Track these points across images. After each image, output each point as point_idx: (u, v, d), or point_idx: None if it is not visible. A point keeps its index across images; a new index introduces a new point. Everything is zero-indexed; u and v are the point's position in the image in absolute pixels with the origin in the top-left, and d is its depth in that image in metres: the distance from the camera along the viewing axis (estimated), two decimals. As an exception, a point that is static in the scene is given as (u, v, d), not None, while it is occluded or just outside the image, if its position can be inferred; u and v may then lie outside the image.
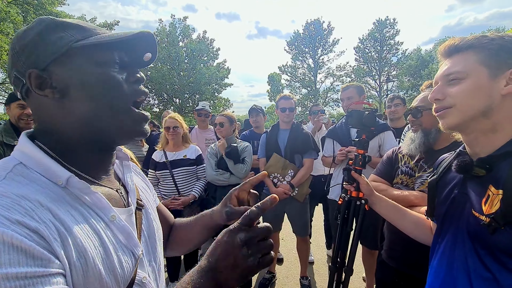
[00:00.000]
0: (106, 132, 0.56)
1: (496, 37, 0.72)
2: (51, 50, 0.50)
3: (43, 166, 0.50)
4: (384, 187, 1.47)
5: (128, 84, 0.57)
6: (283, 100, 2.74)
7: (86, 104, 0.53)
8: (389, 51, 32.01)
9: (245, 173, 2.59)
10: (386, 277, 1.49)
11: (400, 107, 3.10)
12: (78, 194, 0.51)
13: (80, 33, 0.53)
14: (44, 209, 0.45)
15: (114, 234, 0.54)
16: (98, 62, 0.53)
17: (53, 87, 0.51)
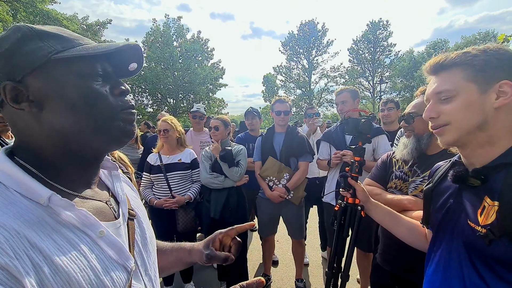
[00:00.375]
0: (89, 145, 0.53)
1: (478, 53, 0.74)
2: (28, 61, 0.47)
3: (23, 185, 0.47)
4: (378, 191, 1.49)
5: (114, 96, 0.54)
6: (278, 103, 2.74)
7: (67, 118, 0.49)
8: (382, 53, 32.39)
9: (239, 176, 2.59)
10: (381, 280, 1.51)
11: (393, 110, 3.14)
12: (61, 212, 0.48)
13: (61, 43, 0.50)
14: (20, 238, 0.42)
15: (103, 251, 0.52)
16: (79, 74, 0.50)
17: (30, 100, 0.48)
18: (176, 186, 2.59)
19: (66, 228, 0.48)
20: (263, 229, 2.82)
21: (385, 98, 3.32)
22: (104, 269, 0.50)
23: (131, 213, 0.65)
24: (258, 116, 3.38)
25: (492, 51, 0.73)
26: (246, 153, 2.73)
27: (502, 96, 0.71)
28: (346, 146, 2.42)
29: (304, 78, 33.49)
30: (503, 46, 0.74)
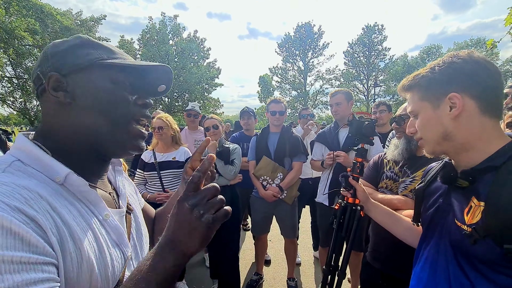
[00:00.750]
0: (103, 143, 0.58)
1: (425, 73, 0.81)
2: (77, 61, 0.55)
3: (41, 163, 0.52)
4: (370, 191, 1.52)
5: (135, 105, 0.61)
6: (274, 103, 2.77)
7: (91, 114, 0.56)
8: (377, 56, 32.77)
9: (233, 175, 2.60)
10: (370, 278, 1.54)
11: (385, 113, 3.20)
12: (74, 191, 0.54)
13: (108, 54, 0.58)
14: (42, 200, 0.47)
15: (107, 232, 0.57)
16: (113, 80, 0.58)
17: (66, 91, 0.55)
18: (169, 184, 2.59)
19: (79, 204, 0.54)
20: (256, 228, 2.84)
21: (378, 101, 3.38)
22: (107, 248, 0.55)
23: (129, 208, 0.69)
24: (254, 116, 3.39)
25: (439, 67, 0.78)
26: (240, 152, 2.74)
27: (454, 107, 0.75)
28: (339, 147, 2.46)
29: (299, 80, 33.66)
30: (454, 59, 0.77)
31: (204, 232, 0.49)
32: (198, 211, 0.49)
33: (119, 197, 0.68)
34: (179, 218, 0.50)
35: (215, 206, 0.50)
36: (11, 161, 0.51)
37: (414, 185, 1.37)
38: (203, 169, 0.52)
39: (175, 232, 0.50)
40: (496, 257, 0.67)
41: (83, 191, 0.55)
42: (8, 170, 0.49)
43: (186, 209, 0.49)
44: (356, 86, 33.10)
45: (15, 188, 0.45)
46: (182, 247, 0.49)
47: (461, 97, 0.74)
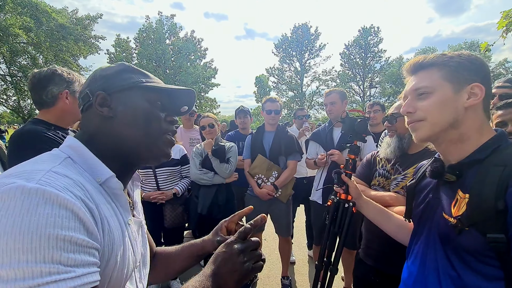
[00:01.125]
0: (136, 153, 0.65)
1: (454, 55, 0.80)
2: (121, 84, 0.64)
3: (88, 163, 0.59)
4: (362, 188, 1.54)
5: (165, 122, 0.69)
6: (269, 102, 2.78)
7: (129, 127, 0.63)
8: (373, 58, 33.02)
9: (229, 173, 2.60)
10: (363, 275, 1.56)
11: (379, 113, 3.23)
12: (110, 192, 0.60)
13: (145, 78, 0.67)
14: (91, 195, 0.53)
15: (129, 236, 0.62)
16: (149, 100, 0.66)
17: (110, 107, 0.63)
18: (164, 182, 2.58)
19: (113, 203, 0.60)
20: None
21: (372, 101, 3.42)
22: (128, 250, 0.60)
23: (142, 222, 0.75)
24: (249, 115, 3.41)
25: (466, 56, 0.79)
26: (236, 150, 2.75)
27: (473, 97, 0.76)
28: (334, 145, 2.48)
29: (296, 81, 33.78)
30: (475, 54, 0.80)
31: (243, 276, 0.60)
32: (243, 257, 0.60)
33: (134, 209, 0.74)
34: (226, 257, 0.60)
35: (256, 257, 0.63)
36: (64, 157, 0.57)
37: (405, 182, 1.39)
38: (255, 224, 0.66)
39: (220, 267, 0.60)
40: (480, 247, 0.69)
41: (118, 194, 0.61)
42: (63, 164, 0.54)
43: (234, 251, 0.60)
44: (352, 88, 33.32)
45: (75, 181, 0.51)
46: (221, 282, 0.58)
47: (484, 89, 0.76)
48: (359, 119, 1.48)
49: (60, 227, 0.43)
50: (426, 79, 0.81)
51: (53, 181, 0.47)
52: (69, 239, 0.43)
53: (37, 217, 0.42)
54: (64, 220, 0.44)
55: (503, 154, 0.72)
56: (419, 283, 0.84)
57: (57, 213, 0.43)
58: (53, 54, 16.88)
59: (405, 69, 0.89)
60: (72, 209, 0.45)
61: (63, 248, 0.42)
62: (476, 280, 0.70)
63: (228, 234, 0.84)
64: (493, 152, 0.73)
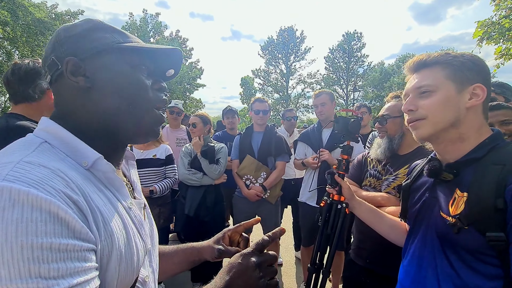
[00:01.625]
0: (123, 128, 0.57)
1: (457, 55, 0.80)
2: (94, 46, 0.54)
3: (69, 146, 0.50)
4: (354, 188, 1.54)
5: (153, 90, 0.60)
6: (258, 102, 2.76)
7: (112, 99, 0.55)
8: (356, 63, 33.93)
9: (218, 174, 2.55)
10: (353, 276, 1.55)
11: (366, 115, 3.29)
12: (102, 177, 0.52)
13: (122, 37, 0.58)
14: (77, 185, 0.44)
15: (132, 220, 0.55)
16: (132, 65, 0.57)
17: (86, 76, 0.54)
18: (147, 183, 2.47)
19: (106, 190, 0.52)
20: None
21: (359, 103, 3.47)
22: (133, 237, 0.53)
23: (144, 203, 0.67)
24: (237, 115, 3.37)
25: (469, 56, 0.80)
26: (226, 151, 2.70)
27: (475, 98, 0.77)
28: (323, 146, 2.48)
29: (282, 83, 34.07)
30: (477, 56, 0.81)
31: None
32: (259, 272, 0.55)
33: (134, 190, 0.66)
34: (241, 270, 0.55)
35: (272, 273, 0.58)
36: (39, 142, 0.48)
37: (396, 183, 1.40)
38: (274, 237, 0.61)
39: (233, 279, 0.54)
40: (479, 245, 0.69)
41: (110, 177, 0.53)
42: (39, 151, 0.46)
43: (251, 265, 0.55)
44: (336, 91, 34.01)
45: (54, 171, 0.42)
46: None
47: (486, 90, 0.76)
48: (352, 119, 1.47)
49: (35, 234, 0.35)
50: (429, 78, 0.80)
51: (24, 174, 0.39)
52: (48, 246, 0.36)
53: (5, 224, 0.34)
54: (39, 225, 0.36)
55: (500, 153, 0.73)
56: (416, 283, 0.84)
57: (30, 217, 0.36)
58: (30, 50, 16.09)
59: (407, 67, 0.88)
60: (48, 209, 0.37)
61: (42, 259, 0.35)
62: (475, 279, 0.70)
63: (230, 245, 0.79)
64: (490, 151, 0.74)
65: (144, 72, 0.59)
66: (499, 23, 7.90)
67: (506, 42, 8.21)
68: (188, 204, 2.43)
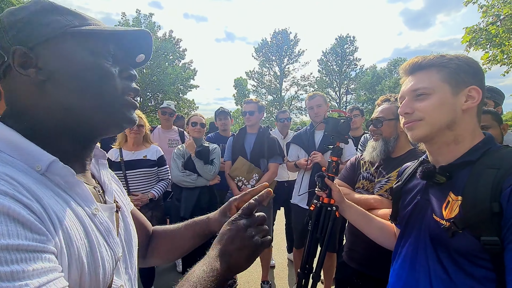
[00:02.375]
0: (89, 124, 0.52)
1: (453, 57, 0.80)
2: (44, 31, 0.47)
3: (18, 150, 0.45)
4: (347, 191, 1.54)
5: (121, 79, 0.54)
6: (245, 104, 2.77)
7: (72, 91, 0.49)
8: (349, 66, 34.32)
9: (213, 175, 2.53)
10: (345, 278, 1.54)
11: (359, 117, 3.31)
12: (59, 181, 0.47)
13: (78, 20, 0.50)
14: (27, 190, 0.40)
15: (97, 228, 0.49)
16: (92, 51, 0.50)
17: (38, 67, 0.47)
18: (136, 186, 2.41)
19: (66, 195, 0.47)
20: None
21: (351, 106, 3.49)
22: (98, 245, 0.47)
23: (116, 205, 0.62)
24: (230, 116, 3.35)
25: (464, 58, 0.80)
26: (220, 152, 2.68)
27: (470, 100, 0.77)
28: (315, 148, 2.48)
29: (275, 85, 34.17)
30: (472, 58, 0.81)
31: (252, 251, 0.55)
32: (251, 232, 0.55)
33: (105, 192, 0.60)
34: (233, 234, 0.55)
35: (264, 231, 0.58)
36: None
37: (389, 185, 1.40)
38: (260, 199, 0.61)
39: (227, 245, 0.54)
40: (473, 249, 0.68)
41: (69, 181, 0.48)
42: None
43: (240, 227, 0.55)
44: (329, 93, 34.32)
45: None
46: (232, 261, 0.53)
47: (481, 93, 0.76)
48: (342, 119, 1.47)
49: None
50: (425, 80, 0.80)
51: None
52: (4, 247, 0.32)
53: None
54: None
55: (494, 156, 0.72)
56: (409, 286, 0.83)
57: None
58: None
59: (403, 69, 0.87)
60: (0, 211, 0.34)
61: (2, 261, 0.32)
62: (469, 282, 0.70)
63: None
64: (484, 154, 0.74)
65: (108, 59, 0.51)
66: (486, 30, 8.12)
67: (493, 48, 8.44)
68: (183, 206, 2.39)
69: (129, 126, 0.57)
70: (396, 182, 1.02)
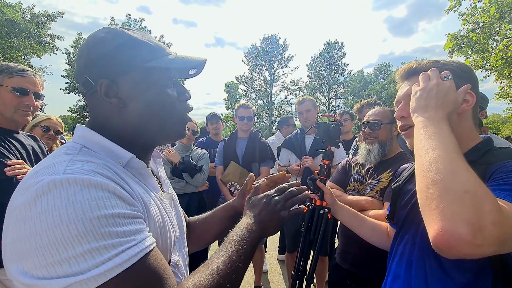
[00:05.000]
0: (153, 138, 0.64)
1: (447, 63, 0.82)
2: (124, 66, 0.58)
3: (105, 149, 0.57)
4: (339, 193, 1.56)
5: (179, 102, 0.65)
6: (242, 108, 2.75)
7: (142, 116, 0.60)
8: (337, 71, 35.01)
9: (202, 182, 2.50)
10: (339, 280, 1.56)
11: (349, 121, 3.36)
12: (135, 173, 0.59)
13: (151, 53, 0.60)
14: (119, 176, 0.53)
15: (164, 210, 0.63)
16: (159, 82, 0.61)
17: (119, 97, 0.58)
18: None
19: (142, 182, 0.60)
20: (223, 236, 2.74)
21: (341, 110, 3.54)
22: (165, 222, 0.61)
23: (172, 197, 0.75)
24: (221, 120, 3.35)
25: (457, 64, 0.82)
26: (208, 157, 2.66)
27: (465, 104, 0.79)
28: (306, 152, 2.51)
29: (265, 89, 34.40)
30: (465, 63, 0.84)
31: (279, 222, 0.69)
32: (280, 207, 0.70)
33: (162, 185, 0.75)
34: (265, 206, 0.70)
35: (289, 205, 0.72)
36: (79, 147, 0.55)
37: (379, 187, 1.44)
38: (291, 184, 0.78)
39: (261, 215, 0.68)
40: None
41: (143, 173, 0.61)
42: (81, 153, 0.53)
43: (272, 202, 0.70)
44: (319, 98, 34.82)
45: (100, 164, 0.51)
46: (264, 227, 0.67)
47: (475, 96, 0.78)
48: (333, 124, 1.50)
49: (105, 207, 0.44)
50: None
51: (78, 167, 0.47)
52: (117, 215, 0.45)
53: (80, 204, 0.42)
54: (105, 201, 0.45)
55: (490, 155, 0.76)
56: (406, 285, 0.84)
57: (96, 196, 0.44)
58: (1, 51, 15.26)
59: (398, 74, 0.89)
60: (107, 189, 0.46)
61: (116, 224, 0.44)
62: (464, 278, 0.71)
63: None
64: (484, 155, 0.77)
65: (170, 86, 0.63)
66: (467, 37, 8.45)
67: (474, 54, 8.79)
68: (172, 212, 2.36)
69: (180, 138, 0.71)
70: (395, 183, 1.04)
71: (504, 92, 10.59)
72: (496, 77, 10.25)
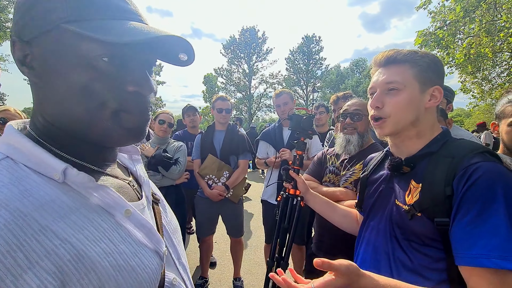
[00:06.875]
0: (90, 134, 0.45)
1: (424, 55, 0.83)
2: (40, 22, 0.40)
3: (33, 159, 0.40)
4: (315, 184, 1.60)
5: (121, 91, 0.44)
6: (220, 101, 2.71)
7: (64, 101, 0.41)
8: (315, 65, 35.51)
9: (179, 174, 2.45)
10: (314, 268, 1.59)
11: (324, 114, 3.43)
12: (80, 189, 0.42)
13: (86, 9, 0.40)
14: (26, 220, 0.35)
15: (130, 233, 0.45)
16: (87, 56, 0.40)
17: (31, 66, 0.42)
18: None
19: (87, 207, 0.42)
20: (201, 229, 2.72)
21: (317, 103, 3.61)
22: (133, 253, 0.43)
23: (155, 197, 0.61)
24: (198, 113, 3.28)
25: (432, 57, 0.84)
26: (185, 150, 2.60)
27: (433, 99, 0.83)
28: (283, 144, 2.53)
29: (244, 82, 34.17)
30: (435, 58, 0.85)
31: None
32: None
33: (142, 186, 0.58)
34: None
35: None
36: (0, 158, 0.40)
37: (353, 178, 1.48)
38: None
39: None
40: (428, 231, 0.75)
41: (90, 187, 0.43)
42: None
43: None
44: (297, 91, 35.21)
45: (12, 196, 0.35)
46: None
47: (442, 93, 0.81)
48: (304, 116, 1.52)
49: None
50: (399, 75, 0.82)
51: None
52: None
53: None
54: None
55: (450, 147, 0.80)
56: (373, 268, 0.88)
57: None
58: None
59: (375, 61, 0.89)
60: None
61: None
62: (423, 261, 0.77)
63: None
64: (442, 146, 0.81)
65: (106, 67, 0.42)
66: (435, 33, 8.91)
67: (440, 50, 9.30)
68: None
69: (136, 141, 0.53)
70: (362, 172, 1.08)
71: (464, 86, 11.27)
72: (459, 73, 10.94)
